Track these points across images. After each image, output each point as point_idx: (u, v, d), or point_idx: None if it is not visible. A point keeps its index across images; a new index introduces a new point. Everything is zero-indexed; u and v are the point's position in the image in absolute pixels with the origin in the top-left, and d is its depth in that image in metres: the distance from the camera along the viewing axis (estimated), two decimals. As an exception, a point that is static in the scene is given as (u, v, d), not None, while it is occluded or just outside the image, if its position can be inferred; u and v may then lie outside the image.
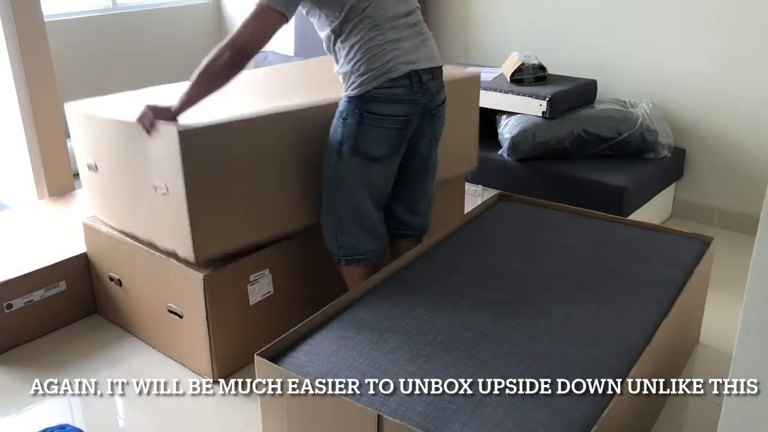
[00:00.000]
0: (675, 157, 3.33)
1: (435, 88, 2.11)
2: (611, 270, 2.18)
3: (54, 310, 2.55)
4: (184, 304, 2.26)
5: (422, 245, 2.31)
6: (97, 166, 2.42)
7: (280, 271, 2.35)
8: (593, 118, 3.22)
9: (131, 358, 2.42)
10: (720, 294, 2.61)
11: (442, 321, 1.90)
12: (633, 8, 3.38)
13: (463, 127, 2.78)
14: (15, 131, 3.19)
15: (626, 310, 1.96)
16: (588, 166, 3.17)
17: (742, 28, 3.11)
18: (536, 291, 2.06)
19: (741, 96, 3.18)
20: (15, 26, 2.99)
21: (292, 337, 1.83)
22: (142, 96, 2.55)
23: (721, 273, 2.64)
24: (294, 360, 1.75)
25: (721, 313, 2.53)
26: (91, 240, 2.58)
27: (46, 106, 3.16)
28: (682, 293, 2.02)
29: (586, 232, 2.44)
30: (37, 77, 3.10)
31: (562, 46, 3.63)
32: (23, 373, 2.35)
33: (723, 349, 2.39)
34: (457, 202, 3.00)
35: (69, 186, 3.30)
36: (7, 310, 2.42)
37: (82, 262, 2.61)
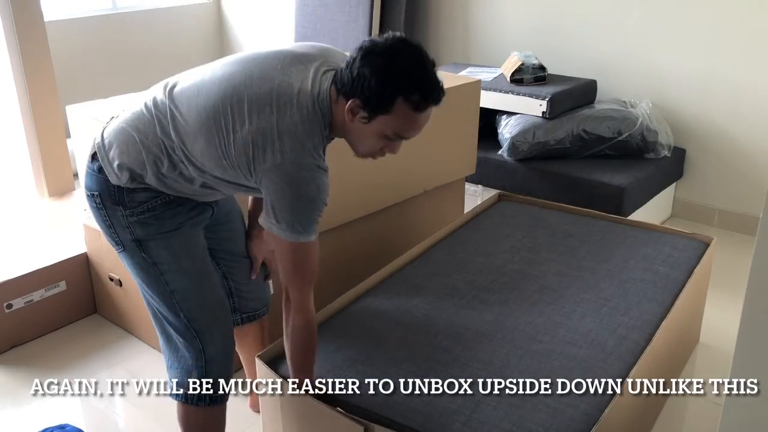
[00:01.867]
0: (675, 157, 3.33)
1: None
2: (611, 270, 2.18)
3: (54, 310, 2.55)
4: (184, 304, 2.25)
5: (422, 245, 2.31)
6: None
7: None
8: (593, 118, 3.22)
9: (131, 358, 2.42)
10: (720, 294, 2.61)
11: (442, 321, 1.90)
12: (633, 8, 3.38)
13: (462, 133, 2.78)
14: (15, 131, 3.19)
15: (626, 310, 1.96)
16: (588, 166, 3.17)
17: (742, 28, 3.11)
18: (536, 291, 2.06)
19: (741, 96, 3.18)
20: (15, 26, 2.99)
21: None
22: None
23: (721, 273, 2.64)
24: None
25: (721, 313, 2.53)
26: (91, 240, 2.58)
27: (47, 107, 3.16)
28: (682, 293, 2.02)
29: (586, 232, 2.44)
30: (37, 77, 3.10)
31: (562, 46, 3.63)
32: (23, 373, 2.35)
33: (723, 349, 2.39)
34: (457, 202, 3.00)
35: (69, 186, 3.30)
36: (7, 310, 2.42)
37: (82, 262, 2.61)
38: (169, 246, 1.60)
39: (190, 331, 1.63)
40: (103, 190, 1.57)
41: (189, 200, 1.62)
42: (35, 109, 3.13)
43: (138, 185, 1.55)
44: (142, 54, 4.67)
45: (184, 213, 1.61)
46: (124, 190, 1.55)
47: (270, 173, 1.46)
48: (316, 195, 1.48)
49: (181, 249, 1.61)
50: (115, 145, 1.56)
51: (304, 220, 1.49)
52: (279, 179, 1.46)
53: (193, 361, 1.64)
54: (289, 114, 1.46)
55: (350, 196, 2.37)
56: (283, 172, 1.45)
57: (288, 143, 1.45)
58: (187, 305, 1.62)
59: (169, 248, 1.59)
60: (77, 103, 2.47)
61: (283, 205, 1.47)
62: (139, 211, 1.56)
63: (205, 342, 1.64)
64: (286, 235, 1.49)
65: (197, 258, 1.65)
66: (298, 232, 1.48)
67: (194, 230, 1.65)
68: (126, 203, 1.56)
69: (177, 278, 1.61)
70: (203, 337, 1.64)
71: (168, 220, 1.59)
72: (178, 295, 1.61)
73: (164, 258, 1.59)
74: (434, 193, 2.77)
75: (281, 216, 1.48)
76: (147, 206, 1.56)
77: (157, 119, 1.54)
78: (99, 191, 1.57)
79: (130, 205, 1.56)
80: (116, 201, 1.56)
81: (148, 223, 1.57)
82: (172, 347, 1.67)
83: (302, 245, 1.50)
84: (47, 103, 3.16)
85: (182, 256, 1.61)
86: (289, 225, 1.48)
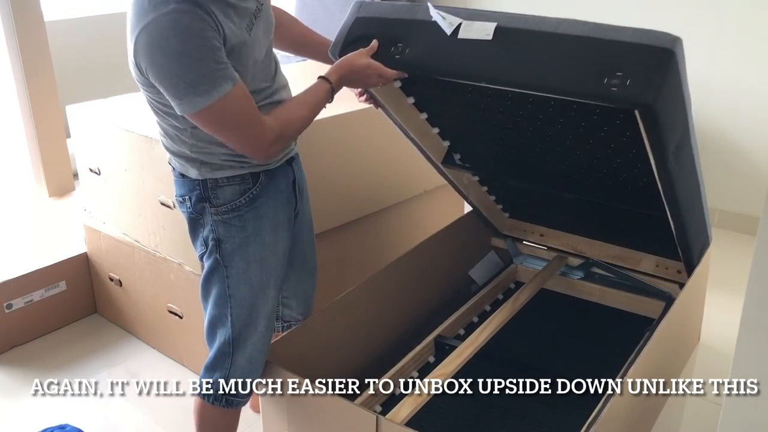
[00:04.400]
0: (675, 157, 3.33)
1: None
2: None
3: (54, 310, 2.55)
4: (184, 305, 2.26)
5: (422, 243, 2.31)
6: (99, 171, 2.42)
7: (280, 271, 2.35)
8: (593, 118, 3.22)
9: (131, 358, 2.42)
10: (720, 294, 2.61)
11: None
12: (632, 8, 3.38)
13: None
14: (15, 131, 3.19)
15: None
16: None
17: (741, 27, 3.11)
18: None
19: (741, 96, 3.18)
20: (15, 26, 2.99)
21: (293, 337, 1.82)
22: (143, 98, 2.55)
23: (721, 273, 2.64)
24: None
25: (721, 313, 2.53)
26: (91, 240, 2.58)
27: (47, 107, 3.16)
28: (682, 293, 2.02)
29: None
30: (37, 77, 3.10)
31: (562, 46, 3.63)
32: (23, 373, 2.35)
33: (723, 349, 2.39)
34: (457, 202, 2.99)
35: (69, 186, 3.30)
36: (7, 310, 2.42)
37: (82, 262, 2.61)
38: (245, 253, 1.58)
39: (230, 333, 1.62)
40: (190, 191, 1.57)
41: (270, 199, 1.60)
42: (35, 109, 3.12)
43: (215, 174, 1.53)
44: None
45: (267, 217, 1.60)
46: (208, 185, 1.54)
47: (140, 52, 1.35)
48: (190, 40, 1.32)
49: (255, 258, 1.59)
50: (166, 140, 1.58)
51: (200, 77, 1.34)
52: (147, 51, 1.34)
53: (221, 362, 1.63)
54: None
55: (350, 196, 2.37)
56: (145, 43, 1.33)
57: (134, 14, 1.35)
58: (237, 312, 1.61)
59: (243, 255, 1.58)
60: (77, 103, 2.47)
61: (168, 79, 1.34)
62: (223, 210, 1.56)
63: (237, 347, 1.62)
64: (202, 103, 1.35)
65: (266, 269, 1.62)
66: (205, 92, 1.34)
67: (275, 236, 1.62)
68: (211, 200, 1.55)
69: (240, 286, 1.60)
70: (238, 343, 1.62)
71: (251, 222, 1.57)
72: (233, 300, 1.60)
73: (236, 264, 1.58)
74: (434, 193, 2.77)
75: (176, 91, 1.35)
76: (231, 206, 1.56)
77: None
78: (187, 194, 1.58)
79: (215, 203, 1.55)
80: (202, 198, 1.56)
81: (231, 224, 1.57)
82: (210, 342, 1.66)
83: (222, 101, 1.36)
84: (47, 103, 3.16)
85: (253, 266, 1.60)
86: (192, 92, 1.34)
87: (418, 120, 1.91)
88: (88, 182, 2.53)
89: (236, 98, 1.39)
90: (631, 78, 1.27)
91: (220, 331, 1.62)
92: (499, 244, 2.54)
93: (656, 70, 1.27)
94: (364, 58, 1.60)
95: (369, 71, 1.59)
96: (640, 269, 2.20)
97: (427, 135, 1.98)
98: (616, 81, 1.29)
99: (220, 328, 1.62)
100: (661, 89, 1.27)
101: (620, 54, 1.30)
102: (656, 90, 1.26)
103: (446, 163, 2.04)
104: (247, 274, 1.59)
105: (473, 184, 2.23)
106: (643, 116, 1.32)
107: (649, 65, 1.28)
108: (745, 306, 1.08)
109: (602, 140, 1.65)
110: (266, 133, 1.46)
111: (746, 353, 1.11)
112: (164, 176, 2.11)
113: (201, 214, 1.58)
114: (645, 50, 1.29)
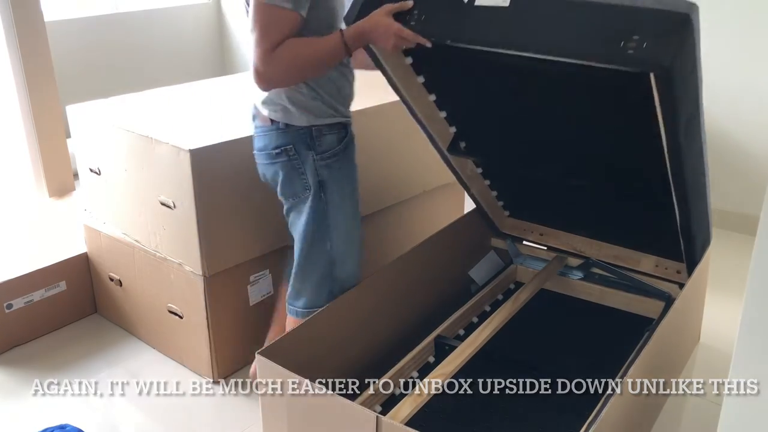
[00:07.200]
0: (675, 157, 3.33)
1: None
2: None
3: (54, 310, 2.55)
4: (184, 305, 2.26)
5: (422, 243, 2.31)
6: (100, 171, 2.42)
7: (280, 272, 2.35)
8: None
9: (131, 358, 2.42)
10: (720, 294, 2.61)
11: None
12: None
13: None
14: (15, 131, 3.19)
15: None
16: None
17: (741, 28, 3.10)
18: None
19: (741, 96, 3.18)
20: (15, 26, 2.99)
21: (293, 337, 1.83)
22: (143, 98, 2.55)
23: (721, 273, 2.64)
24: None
25: (721, 313, 2.53)
26: (91, 240, 2.58)
27: (47, 107, 3.16)
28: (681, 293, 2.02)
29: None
30: (37, 77, 3.10)
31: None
32: (23, 373, 2.35)
33: (723, 349, 2.39)
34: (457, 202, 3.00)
35: (69, 186, 3.30)
36: (7, 310, 2.42)
37: (82, 262, 2.61)
38: (342, 189, 1.82)
39: (330, 257, 1.84)
40: (294, 140, 1.74)
41: (352, 147, 1.85)
42: (35, 109, 3.13)
43: (318, 121, 1.73)
44: (142, 54, 4.67)
45: (353, 161, 1.86)
46: (313, 133, 1.74)
47: None
48: None
49: (349, 193, 1.85)
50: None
51: None
52: None
53: (323, 283, 1.86)
54: None
55: (350, 196, 2.37)
56: None
57: None
58: (337, 236, 1.83)
59: (341, 191, 1.82)
60: (77, 103, 2.47)
61: None
62: (327, 155, 1.77)
63: (339, 267, 1.86)
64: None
65: (354, 202, 1.89)
66: None
67: (357, 176, 1.90)
68: (315, 147, 1.75)
69: (339, 217, 1.83)
70: (338, 264, 1.86)
71: (346, 164, 1.82)
72: (333, 230, 1.83)
73: (336, 199, 1.81)
74: (434, 193, 2.77)
75: None
76: (332, 152, 1.78)
77: None
78: (289, 143, 1.75)
79: (319, 150, 1.76)
80: (308, 146, 1.75)
81: (333, 167, 1.79)
82: (308, 270, 1.86)
83: (272, 8, 1.54)
84: (47, 103, 3.16)
85: (347, 199, 1.84)
86: None
87: (427, 101, 1.94)
88: (88, 182, 2.53)
89: (281, 17, 1.55)
90: (648, 41, 1.29)
91: (322, 257, 1.85)
92: (499, 244, 2.54)
93: (673, 34, 1.29)
94: (386, 17, 1.59)
95: (390, 30, 1.57)
96: (640, 269, 2.20)
97: (434, 119, 2.00)
98: (633, 44, 1.30)
99: (322, 254, 1.84)
100: (677, 53, 1.29)
101: (637, 18, 1.31)
102: (673, 53, 1.28)
103: (451, 150, 2.05)
104: (344, 205, 1.84)
105: (476, 176, 2.23)
106: (658, 80, 1.34)
107: (667, 29, 1.29)
108: (745, 306, 1.08)
109: (613, 118, 1.66)
110: (269, 55, 1.57)
111: (746, 353, 1.11)
112: (164, 176, 2.11)
113: (303, 161, 1.76)
114: (662, 15, 1.30)
